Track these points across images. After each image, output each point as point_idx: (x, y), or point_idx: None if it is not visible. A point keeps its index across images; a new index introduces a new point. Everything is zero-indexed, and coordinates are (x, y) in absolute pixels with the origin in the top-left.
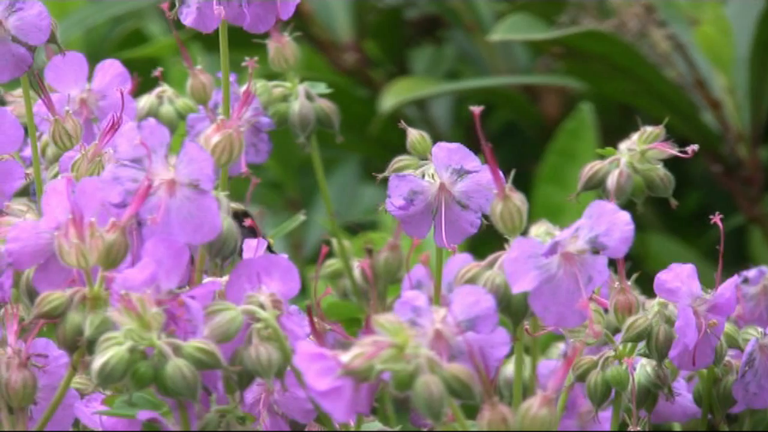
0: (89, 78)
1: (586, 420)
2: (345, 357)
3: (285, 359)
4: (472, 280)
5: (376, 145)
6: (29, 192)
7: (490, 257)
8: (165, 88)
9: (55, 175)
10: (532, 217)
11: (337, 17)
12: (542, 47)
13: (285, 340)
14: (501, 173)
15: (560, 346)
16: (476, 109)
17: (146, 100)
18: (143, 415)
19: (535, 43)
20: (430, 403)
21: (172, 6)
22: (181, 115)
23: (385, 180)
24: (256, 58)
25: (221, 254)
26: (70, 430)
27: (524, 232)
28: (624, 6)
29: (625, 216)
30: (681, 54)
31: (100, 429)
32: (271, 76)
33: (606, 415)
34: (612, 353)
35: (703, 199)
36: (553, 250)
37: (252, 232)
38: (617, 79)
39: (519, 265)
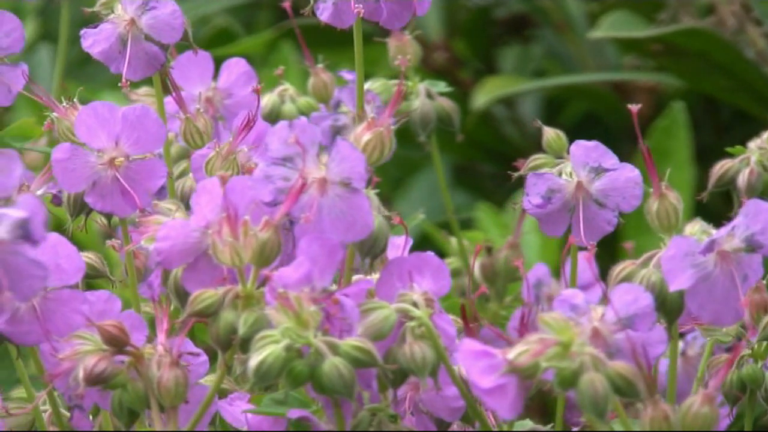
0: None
1: None
2: (510, 354)
3: (439, 357)
4: (627, 278)
5: (464, 144)
6: None
7: (645, 256)
8: (286, 87)
9: (182, 173)
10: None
11: (427, 16)
12: (632, 45)
13: (438, 338)
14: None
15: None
16: (634, 108)
17: (268, 99)
18: (294, 413)
19: (624, 40)
20: (595, 401)
21: (297, 9)
22: (302, 113)
23: (475, 181)
24: (408, 56)
25: (372, 252)
26: (211, 429)
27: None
28: (721, 4)
29: None
30: None
31: (245, 428)
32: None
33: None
34: (748, 352)
35: None
36: (709, 248)
37: None
38: (714, 76)
39: (676, 263)
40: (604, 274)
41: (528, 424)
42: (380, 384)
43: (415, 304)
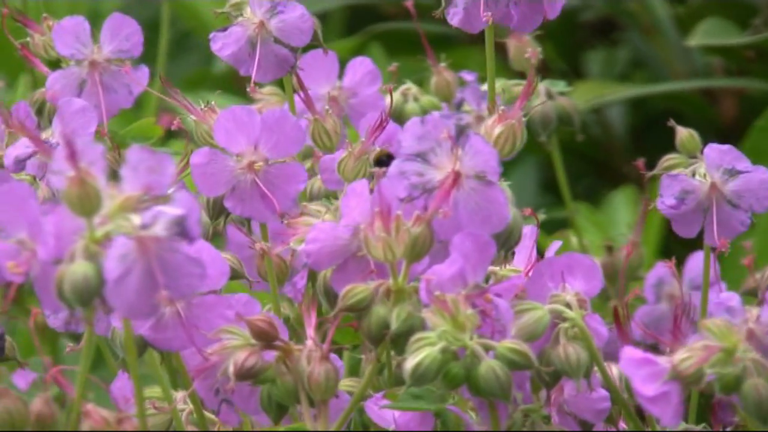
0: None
1: None
2: (673, 361)
3: (592, 359)
4: None
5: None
6: None
7: None
8: (409, 86)
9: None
10: None
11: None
12: (722, 49)
13: (592, 339)
14: None
15: None
16: None
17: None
18: (454, 409)
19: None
20: (759, 405)
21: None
22: (425, 112)
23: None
24: (539, 49)
25: (507, 245)
26: (354, 430)
27: None
28: None
29: None
30: None
31: (392, 428)
32: None
33: None
34: None
35: None
36: None
37: None
38: None
39: None
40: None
41: (681, 424)
42: (533, 385)
43: (568, 305)
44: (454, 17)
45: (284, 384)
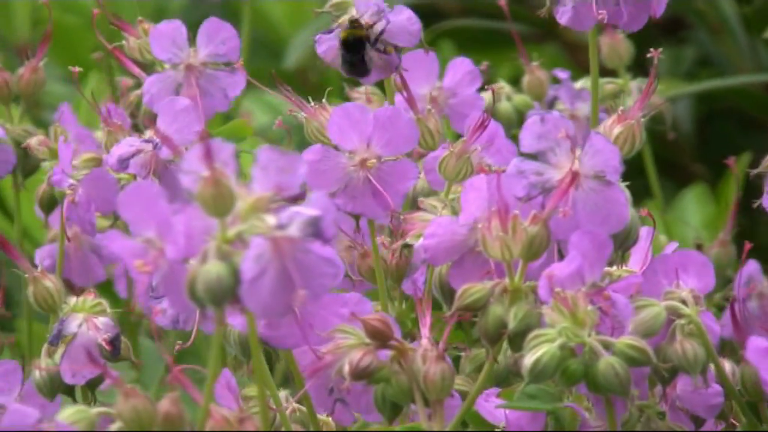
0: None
1: None
2: None
3: (708, 355)
4: None
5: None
6: None
7: None
8: (502, 85)
9: None
10: None
11: None
12: None
13: (707, 336)
14: None
15: None
16: None
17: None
18: (571, 405)
19: None
20: None
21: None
22: (518, 111)
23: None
24: (660, 50)
25: (625, 245)
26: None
27: None
28: None
29: None
30: None
31: (502, 425)
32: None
33: None
34: None
35: None
36: None
37: None
38: None
39: None
40: None
41: None
42: (649, 381)
43: (683, 302)
44: (563, 16)
45: (399, 383)
